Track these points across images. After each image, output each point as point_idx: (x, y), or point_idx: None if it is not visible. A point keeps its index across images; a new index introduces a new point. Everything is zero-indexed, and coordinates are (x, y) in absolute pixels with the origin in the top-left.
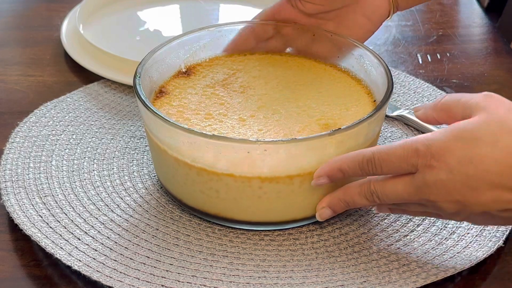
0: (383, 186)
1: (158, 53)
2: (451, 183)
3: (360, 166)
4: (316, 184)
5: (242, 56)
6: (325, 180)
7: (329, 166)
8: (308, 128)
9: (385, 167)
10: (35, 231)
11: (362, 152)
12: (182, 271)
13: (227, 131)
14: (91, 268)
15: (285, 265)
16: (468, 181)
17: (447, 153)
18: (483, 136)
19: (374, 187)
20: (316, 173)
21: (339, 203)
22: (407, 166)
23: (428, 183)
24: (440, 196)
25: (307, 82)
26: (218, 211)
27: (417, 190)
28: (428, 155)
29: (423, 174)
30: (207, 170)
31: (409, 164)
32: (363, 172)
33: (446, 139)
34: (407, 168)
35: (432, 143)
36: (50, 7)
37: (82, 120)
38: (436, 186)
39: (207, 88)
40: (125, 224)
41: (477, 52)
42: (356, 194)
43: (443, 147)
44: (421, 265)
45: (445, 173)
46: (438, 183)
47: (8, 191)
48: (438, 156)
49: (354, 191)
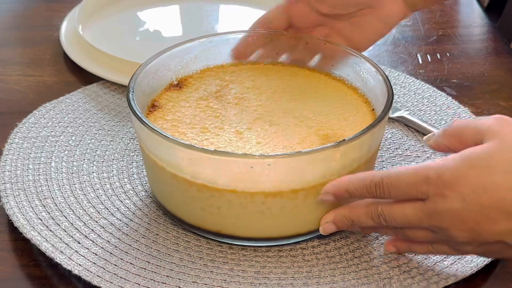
0: (391, 208)
1: (150, 66)
2: (464, 212)
3: (368, 189)
4: (322, 200)
5: (234, 66)
6: (331, 198)
7: (336, 185)
8: (307, 140)
9: (393, 192)
10: (35, 234)
11: (370, 175)
12: (183, 277)
13: (225, 145)
14: (91, 273)
15: (286, 271)
16: (482, 210)
17: (461, 181)
18: (497, 164)
19: (381, 209)
20: (323, 189)
21: (343, 220)
22: (416, 193)
23: (440, 211)
24: (452, 224)
25: (302, 91)
26: (219, 228)
27: (428, 216)
28: (439, 184)
29: (434, 202)
30: (208, 187)
31: (419, 192)
32: (370, 195)
33: (459, 167)
34: (417, 195)
35: (444, 172)
36: (50, 7)
37: (81, 121)
38: (449, 215)
39: (201, 100)
40: (125, 228)
41: (477, 52)
42: (362, 214)
43: (456, 175)
44: (422, 272)
45: (459, 202)
46: (451, 212)
47: (7, 193)
48: (450, 185)
49: (360, 211)
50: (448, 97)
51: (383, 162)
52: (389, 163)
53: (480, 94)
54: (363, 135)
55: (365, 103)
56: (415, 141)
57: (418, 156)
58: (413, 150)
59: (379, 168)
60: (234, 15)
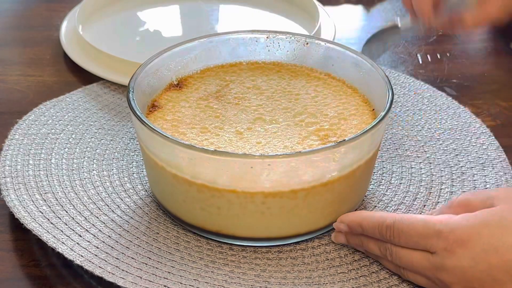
0: (399, 249)
1: (150, 66)
2: (471, 271)
3: (379, 230)
4: (337, 228)
5: (234, 66)
6: (345, 229)
7: (352, 218)
8: (307, 139)
9: (402, 238)
10: (36, 225)
11: (384, 216)
12: (184, 274)
13: (225, 145)
14: (93, 264)
15: (286, 276)
16: (490, 271)
17: (473, 239)
18: (509, 224)
19: (390, 246)
20: (339, 219)
21: (354, 239)
22: (425, 244)
23: (447, 267)
24: (457, 281)
25: (302, 91)
26: (219, 228)
27: (433, 268)
28: (450, 240)
29: (442, 257)
30: (208, 187)
31: (428, 244)
32: (381, 236)
33: (472, 225)
34: (425, 247)
35: (457, 227)
36: (50, 7)
37: (81, 120)
38: (455, 272)
39: (201, 100)
40: (125, 225)
41: (477, 52)
42: (371, 242)
43: (469, 233)
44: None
45: (467, 261)
46: (458, 269)
47: (8, 187)
48: (461, 242)
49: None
50: (448, 97)
51: (383, 162)
52: (389, 163)
53: (480, 94)
54: (363, 135)
55: (365, 103)
56: (415, 141)
57: (418, 157)
58: (413, 151)
59: (379, 168)
60: (234, 15)
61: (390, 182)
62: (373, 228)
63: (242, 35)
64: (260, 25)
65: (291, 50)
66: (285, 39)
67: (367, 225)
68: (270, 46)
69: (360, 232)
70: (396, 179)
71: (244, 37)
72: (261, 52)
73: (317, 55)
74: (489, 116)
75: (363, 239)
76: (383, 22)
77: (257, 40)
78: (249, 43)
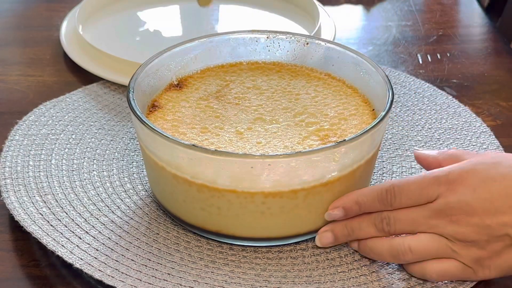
0: (397, 212)
1: (150, 66)
2: (475, 202)
3: (379, 197)
4: (330, 217)
5: (234, 66)
6: (340, 213)
7: (345, 197)
8: (308, 140)
9: (404, 196)
10: (36, 228)
11: (379, 185)
12: (184, 275)
13: (225, 145)
14: (92, 267)
15: (286, 275)
16: (492, 199)
17: (470, 175)
18: (502, 159)
19: (386, 214)
20: (332, 205)
21: (343, 230)
22: (427, 193)
23: (451, 204)
24: (461, 217)
25: (302, 91)
26: (219, 228)
27: (436, 213)
28: (450, 181)
29: (445, 197)
30: (208, 186)
31: (430, 192)
32: (381, 204)
33: (466, 165)
34: (427, 196)
35: (453, 170)
36: (50, 7)
37: (81, 120)
38: (459, 206)
39: (201, 100)
40: (125, 226)
41: (477, 52)
42: (365, 221)
43: (466, 171)
44: (421, 282)
45: (469, 192)
46: (462, 203)
47: (8, 188)
48: (461, 180)
49: (363, 217)
50: (448, 96)
51: (383, 162)
52: (389, 163)
53: (480, 94)
54: (363, 135)
55: (365, 103)
56: (415, 142)
57: None
58: (413, 151)
59: (379, 168)
60: (234, 15)
61: None
62: (372, 198)
63: (242, 35)
64: (260, 25)
65: (291, 50)
66: (285, 39)
67: (364, 199)
68: (270, 46)
69: (357, 211)
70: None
71: (244, 37)
72: (261, 52)
73: (317, 55)
74: (489, 116)
75: (354, 224)
76: (383, 22)
77: (257, 40)
78: (249, 43)
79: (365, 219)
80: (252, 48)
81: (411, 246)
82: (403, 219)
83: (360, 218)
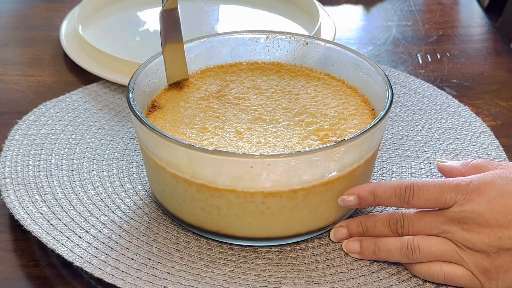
0: (412, 214)
1: (150, 66)
2: (489, 213)
3: (397, 192)
4: (343, 202)
5: (234, 66)
6: (354, 201)
7: (362, 187)
8: (307, 139)
9: (423, 197)
10: (36, 227)
11: (399, 181)
12: (184, 274)
13: (225, 145)
14: (92, 266)
15: (286, 275)
16: (506, 212)
17: (489, 187)
18: None
19: (401, 214)
20: (347, 191)
21: (358, 227)
22: (445, 199)
23: (465, 213)
24: (474, 225)
25: (302, 91)
26: (219, 228)
27: (449, 219)
28: (469, 190)
29: (459, 205)
30: (208, 186)
31: (448, 197)
32: (398, 199)
33: (487, 177)
34: (445, 202)
35: (473, 180)
36: (50, 7)
37: (81, 120)
38: (473, 215)
39: (201, 100)
40: (125, 226)
41: (477, 52)
42: (380, 220)
43: (484, 182)
44: (421, 283)
45: (485, 204)
46: (476, 213)
47: (7, 188)
48: (479, 190)
49: (378, 217)
50: (448, 96)
51: (383, 162)
52: (389, 163)
53: (480, 94)
54: (363, 135)
55: (365, 103)
56: (415, 142)
57: (418, 157)
58: (413, 151)
59: (379, 168)
60: (234, 15)
61: None
62: (390, 192)
63: (242, 35)
64: (260, 25)
65: (291, 50)
66: (285, 39)
67: (381, 191)
68: (270, 46)
69: (371, 202)
70: (396, 179)
71: (244, 37)
72: (261, 52)
73: (316, 55)
74: (489, 116)
75: (368, 222)
76: (383, 22)
77: (257, 40)
78: (249, 43)
79: (380, 219)
80: (252, 48)
81: (420, 244)
82: (417, 222)
83: (375, 217)
